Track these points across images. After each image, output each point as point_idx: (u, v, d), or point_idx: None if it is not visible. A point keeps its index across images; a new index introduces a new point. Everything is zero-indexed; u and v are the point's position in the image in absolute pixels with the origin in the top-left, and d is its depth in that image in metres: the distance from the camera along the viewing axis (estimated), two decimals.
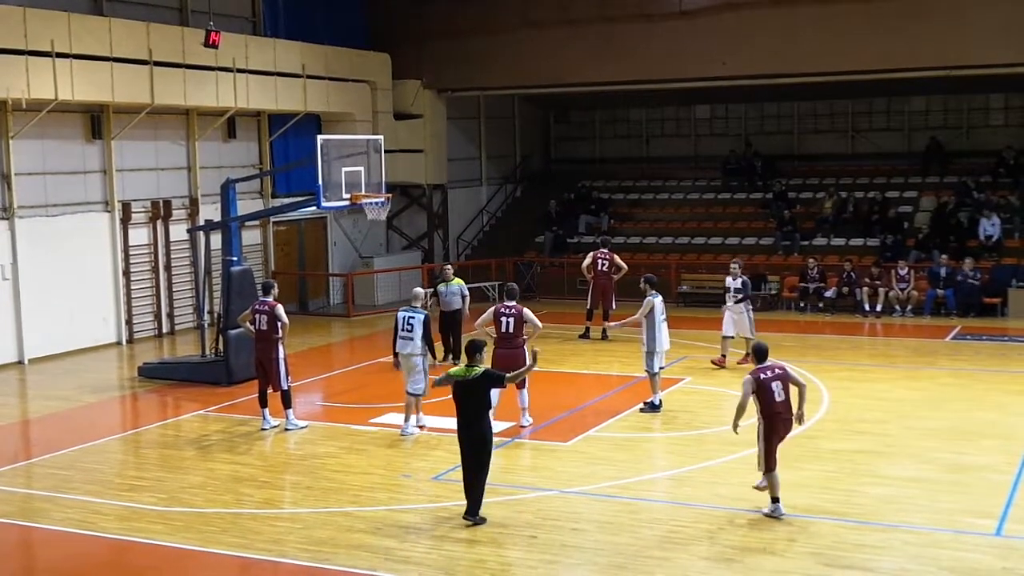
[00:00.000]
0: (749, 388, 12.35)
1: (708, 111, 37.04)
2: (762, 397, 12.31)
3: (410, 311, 16.45)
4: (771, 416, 12.31)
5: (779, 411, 12.35)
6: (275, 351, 16.70)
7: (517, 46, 31.02)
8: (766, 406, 12.32)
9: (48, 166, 23.62)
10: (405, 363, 16.29)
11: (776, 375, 12.41)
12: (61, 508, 13.35)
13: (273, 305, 16.82)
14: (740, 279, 21.26)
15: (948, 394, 18.49)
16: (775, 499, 12.35)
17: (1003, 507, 12.56)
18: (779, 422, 12.36)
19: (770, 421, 12.31)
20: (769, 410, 12.31)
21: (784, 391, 12.39)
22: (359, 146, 21.10)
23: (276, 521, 12.71)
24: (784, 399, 12.38)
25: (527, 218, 35.22)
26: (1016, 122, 32.99)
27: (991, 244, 28.09)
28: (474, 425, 12.22)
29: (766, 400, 12.30)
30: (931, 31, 26.65)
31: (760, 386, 12.31)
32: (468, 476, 12.26)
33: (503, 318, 16.26)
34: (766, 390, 12.30)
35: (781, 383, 12.38)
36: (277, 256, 29.62)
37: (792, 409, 12.51)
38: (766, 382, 12.32)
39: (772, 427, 12.32)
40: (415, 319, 16.30)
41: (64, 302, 23.68)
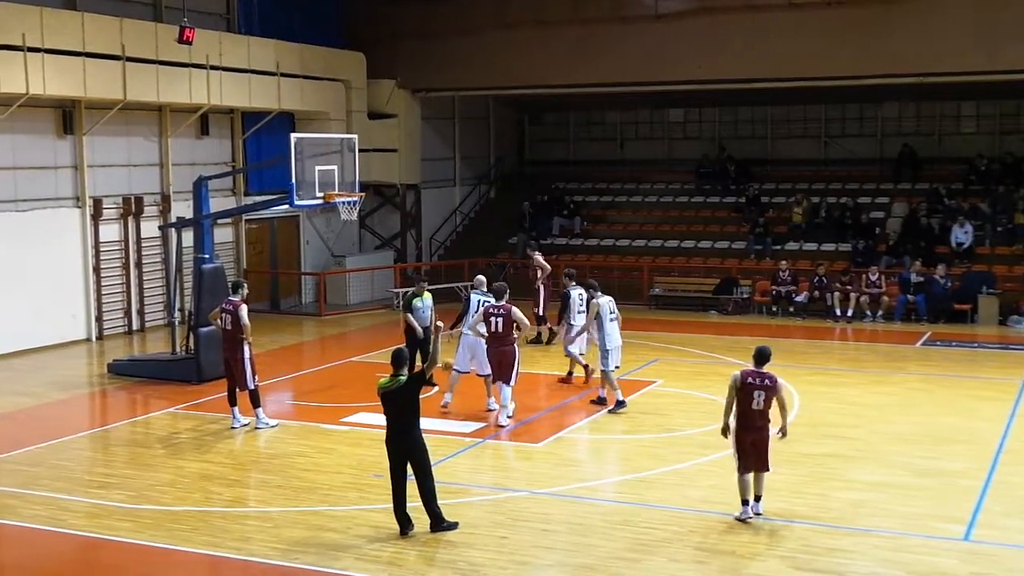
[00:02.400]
0: (733, 385, 12.33)
1: (682, 115, 37.18)
2: (740, 398, 12.28)
3: (485, 295, 17.55)
4: (744, 421, 12.28)
5: (751, 419, 12.25)
6: (239, 351, 16.64)
7: (492, 47, 31.03)
8: (741, 409, 12.29)
9: (18, 161, 23.43)
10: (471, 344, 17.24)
11: (762, 384, 12.24)
12: (28, 505, 13.23)
13: (238, 305, 16.75)
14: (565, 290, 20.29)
15: (918, 399, 18.59)
16: (744, 501, 12.36)
17: (972, 512, 12.63)
18: (752, 429, 12.26)
19: (742, 425, 12.29)
20: (742, 413, 12.28)
21: (764, 402, 12.23)
22: (333, 145, 21.03)
23: (246, 520, 12.64)
24: (761, 409, 12.24)
25: (500, 219, 35.21)
26: (987, 130, 33.27)
27: (962, 251, 28.28)
28: (408, 433, 11.97)
29: (743, 403, 12.27)
30: (904, 38, 26.84)
31: (743, 387, 12.26)
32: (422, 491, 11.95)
33: (492, 318, 16.35)
34: (747, 394, 12.26)
35: (765, 394, 12.22)
36: (249, 254, 29.49)
37: (767, 422, 12.35)
38: (749, 388, 12.25)
39: (743, 431, 12.29)
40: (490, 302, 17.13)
41: (33, 298, 23.49)
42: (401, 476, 11.99)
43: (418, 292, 18.98)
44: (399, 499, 12.02)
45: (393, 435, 12.07)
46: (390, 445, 12.08)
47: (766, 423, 12.33)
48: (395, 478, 12.01)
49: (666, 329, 25.25)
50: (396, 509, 12.04)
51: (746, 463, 12.30)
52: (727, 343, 23.70)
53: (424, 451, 12.10)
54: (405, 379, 12.05)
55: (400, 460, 12.01)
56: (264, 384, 19.14)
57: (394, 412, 12.05)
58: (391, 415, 12.09)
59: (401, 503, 12.02)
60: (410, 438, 12.00)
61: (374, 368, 20.03)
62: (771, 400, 12.28)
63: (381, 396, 12.12)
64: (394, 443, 12.05)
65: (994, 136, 32.98)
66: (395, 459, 12.03)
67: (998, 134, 32.94)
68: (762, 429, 12.32)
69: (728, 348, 22.95)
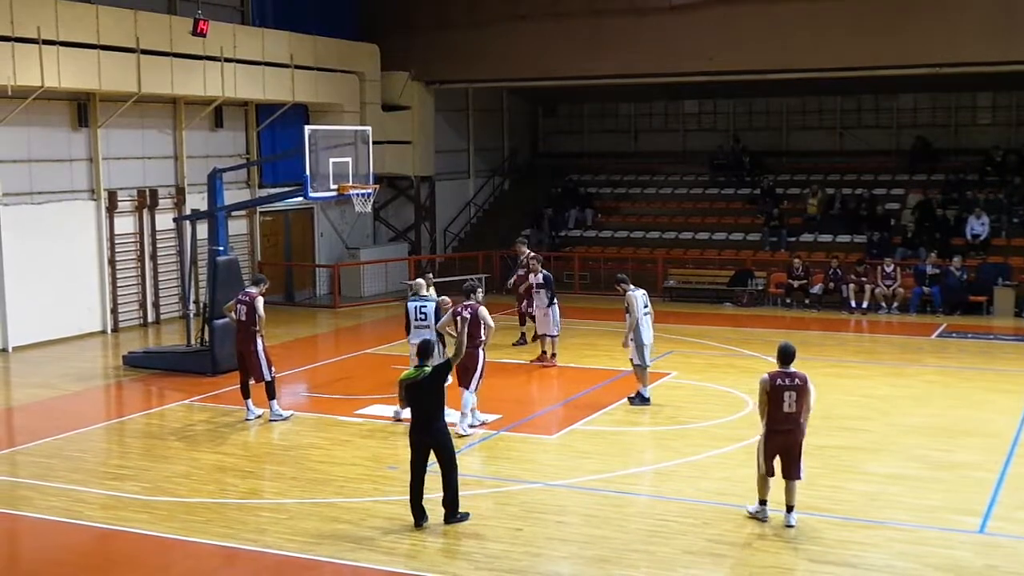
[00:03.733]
0: (763, 390, 11.87)
1: (696, 106, 37.12)
2: (771, 403, 11.82)
3: (420, 300, 16.55)
4: (774, 424, 11.83)
5: (782, 422, 11.79)
6: (253, 343, 16.67)
7: (506, 39, 30.98)
8: (772, 413, 11.83)
9: (34, 153, 23.50)
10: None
11: (793, 385, 11.78)
12: (45, 496, 13.29)
13: (254, 297, 16.77)
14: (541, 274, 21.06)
15: (933, 391, 18.54)
16: (762, 501, 12.07)
17: (987, 504, 12.60)
18: (780, 433, 11.81)
19: (772, 429, 11.84)
20: (773, 418, 11.83)
21: (796, 403, 11.76)
22: (347, 137, 21.02)
23: (260, 511, 12.67)
24: (794, 411, 11.77)
25: (514, 211, 35.21)
26: (1003, 121, 33.13)
27: (978, 242, 28.17)
28: (433, 424, 12.01)
29: (773, 407, 11.81)
30: (919, 29, 26.71)
31: (773, 390, 11.80)
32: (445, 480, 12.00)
33: (459, 318, 15.76)
34: (778, 396, 11.78)
35: (796, 394, 11.76)
36: (263, 246, 29.54)
37: (798, 425, 11.83)
38: (779, 389, 11.76)
39: (772, 435, 11.85)
40: (427, 307, 16.38)
41: (49, 290, 23.58)
42: (421, 468, 12.01)
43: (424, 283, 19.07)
44: (416, 491, 12.03)
45: (417, 426, 12.10)
46: (413, 436, 12.12)
47: (797, 426, 11.85)
48: (415, 469, 12.03)
49: (680, 321, 25.21)
50: (412, 501, 12.06)
51: (770, 467, 11.88)
52: (741, 335, 23.66)
53: (449, 443, 12.15)
54: (430, 370, 12.09)
55: (422, 452, 12.03)
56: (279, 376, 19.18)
57: (418, 403, 12.08)
58: (415, 406, 12.12)
59: (418, 495, 12.03)
60: (434, 429, 12.04)
61: (389, 360, 20.08)
62: (803, 401, 11.80)
63: (405, 387, 12.15)
64: (417, 434, 12.08)
65: (1010, 127, 32.83)
66: (416, 450, 12.06)
67: (1014, 125, 32.80)
68: (793, 432, 11.84)
69: (743, 340, 22.92)
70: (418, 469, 12.02)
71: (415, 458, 12.04)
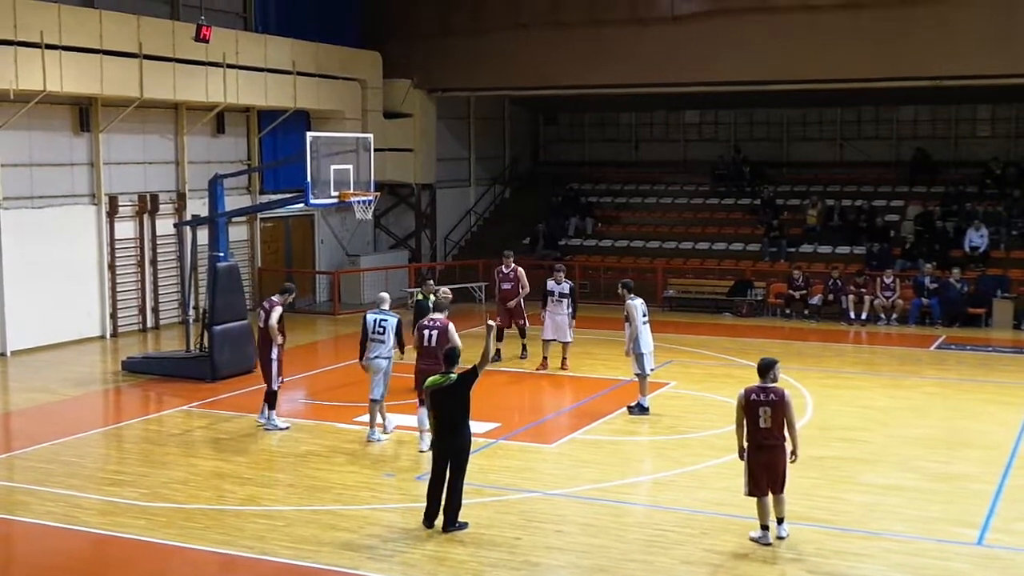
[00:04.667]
0: (739, 404, 11.80)
1: (698, 116, 37.15)
2: (747, 418, 11.74)
3: (381, 314, 16.06)
4: (753, 440, 11.71)
5: (762, 437, 11.64)
6: (269, 351, 16.58)
7: (508, 47, 31.03)
8: (750, 429, 11.74)
9: (35, 158, 23.52)
10: (374, 367, 15.91)
11: (768, 400, 11.64)
12: (42, 501, 13.29)
13: (274, 305, 16.72)
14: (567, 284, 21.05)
15: (932, 403, 18.55)
16: (764, 526, 11.76)
17: (985, 517, 12.60)
18: (762, 448, 11.64)
19: (752, 445, 11.72)
20: (752, 434, 11.72)
21: (772, 419, 11.60)
22: (348, 144, 21.06)
23: (258, 518, 12.66)
24: (768, 427, 11.61)
25: (515, 219, 35.22)
26: (1003, 133, 33.17)
27: (977, 255, 28.19)
28: (458, 431, 12.10)
29: (750, 422, 11.72)
30: (920, 41, 26.75)
31: (748, 405, 11.72)
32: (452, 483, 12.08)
33: (427, 331, 15.43)
34: (752, 412, 11.67)
35: (770, 410, 11.60)
36: (264, 253, 29.56)
37: (779, 440, 11.68)
38: (754, 404, 11.65)
39: (754, 451, 11.70)
40: (388, 322, 15.90)
41: (48, 295, 23.58)
42: (443, 472, 12.10)
43: (425, 291, 19.37)
44: (435, 491, 12.13)
45: (442, 433, 12.14)
46: (438, 443, 12.18)
47: (778, 442, 11.69)
48: (436, 474, 12.13)
49: (680, 331, 25.22)
50: (430, 498, 12.15)
51: (758, 485, 11.70)
52: (741, 345, 23.67)
53: (468, 450, 12.23)
54: (456, 378, 12.11)
55: (445, 458, 12.10)
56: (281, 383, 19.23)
57: (444, 410, 12.12)
58: (439, 413, 12.15)
59: (438, 497, 12.12)
60: (460, 436, 12.11)
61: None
62: (780, 417, 11.63)
63: (430, 394, 12.19)
64: (442, 441, 12.14)
65: (1010, 140, 32.87)
66: (440, 457, 12.14)
67: (1014, 137, 32.84)
68: (774, 448, 11.68)
69: (742, 350, 22.92)
70: (439, 473, 12.11)
71: (437, 464, 12.15)
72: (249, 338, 20.74)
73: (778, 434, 11.70)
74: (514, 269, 22.07)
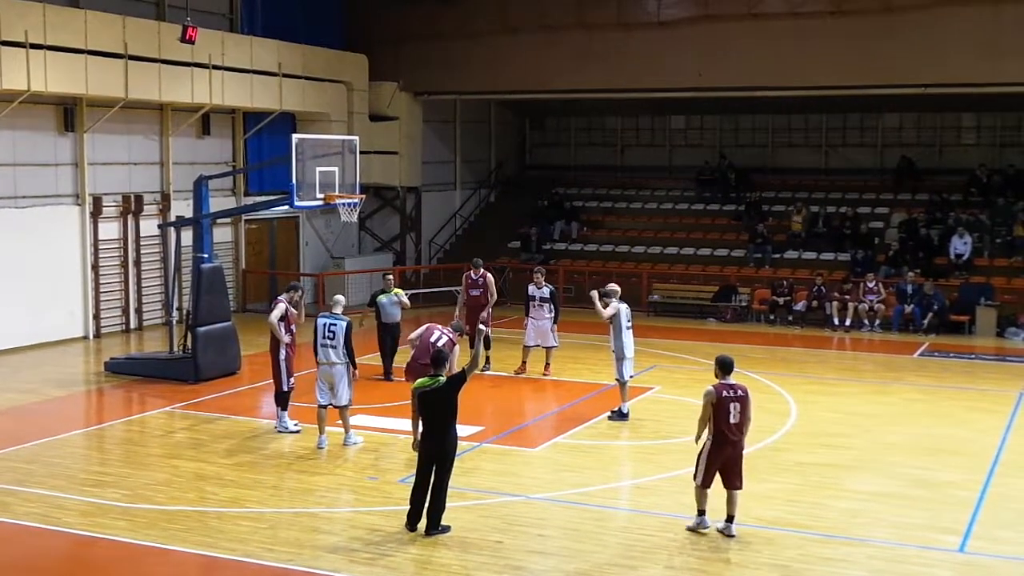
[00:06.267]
0: (709, 401, 12.07)
1: (683, 122, 37.21)
2: (717, 414, 12.01)
3: (331, 317, 15.76)
4: (720, 436, 11.99)
5: (730, 432, 12.00)
6: (277, 351, 16.47)
7: (494, 51, 31.07)
8: (718, 425, 12.01)
9: (19, 158, 23.42)
10: (327, 373, 15.72)
11: (737, 396, 12.05)
12: (23, 502, 13.22)
13: (276, 303, 16.67)
14: (548, 288, 20.96)
15: (915, 410, 18.59)
16: (701, 512, 12.19)
17: (967, 523, 12.63)
18: (727, 444, 12.01)
19: (718, 441, 12.01)
20: (720, 429, 12.00)
21: (740, 414, 12.03)
22: (334, 146, 21.03)
23: (241, 520, 12.62)
24: (738, 422, 12.03)
25: (500, 223, 35.21)
26: (987, 141, 33.30)
27: (961, 262, 28.29)
28: (445, 434, 12.08)
29: (719, 418, 12.00)
30: (906, 49, 26.87)
31: (719, 402, 12.01)
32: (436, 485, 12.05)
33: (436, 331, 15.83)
34: (723, 408, 12.01)
35: (740, 405, 12.03)
36: (248, 254, 29.50)
37: (741, 436, 12.12)
38: (726, 400, 12.00)
39: (719, 447, 12.02)
40: (337, 326, 15.62)
41: (31, 295, 23.49)
42: (427, 476, 12.08)
43: (384, 289, 20.16)
44: (419, 494, 12.11)
45: (428, 435, 12.11)
46: (423, 445, 12.14)
47: (739, 438, 12.10)
48: (421, 476, 12.11)
49: (664, 336, 25.24)
50: (413, 502, 12.13)
51: (710, 478, 12.09)
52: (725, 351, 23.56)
53: (453, 453, 12.21)
54: (444, 380, 12.09)
55: (431, 460, 12.08)
56: (262, 385, 19.20)
57: (431, 413, 12.10)
58: (427, 416, 12.12)
59: (421, 499, 12.10)
60: (446, 439, 12.09)
61: (371, 371, 20.01)
62: (746, 412, 12.08)
63: (419, 396, 12.14)
64: (428, 443, 12.10)
65: (994, 148, 32.99)
66: (426, 459, 12.10)
67: (998, 146, 32.97)
68: (737, 444, 12.09)
69: None
70: (424, 476, 12.10)
71: (422, 467, 12.12)
72: (233, 340, 20.71)
73: (741, 429, 12.11)
74: (483, 276, 21.45)
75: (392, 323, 20.40)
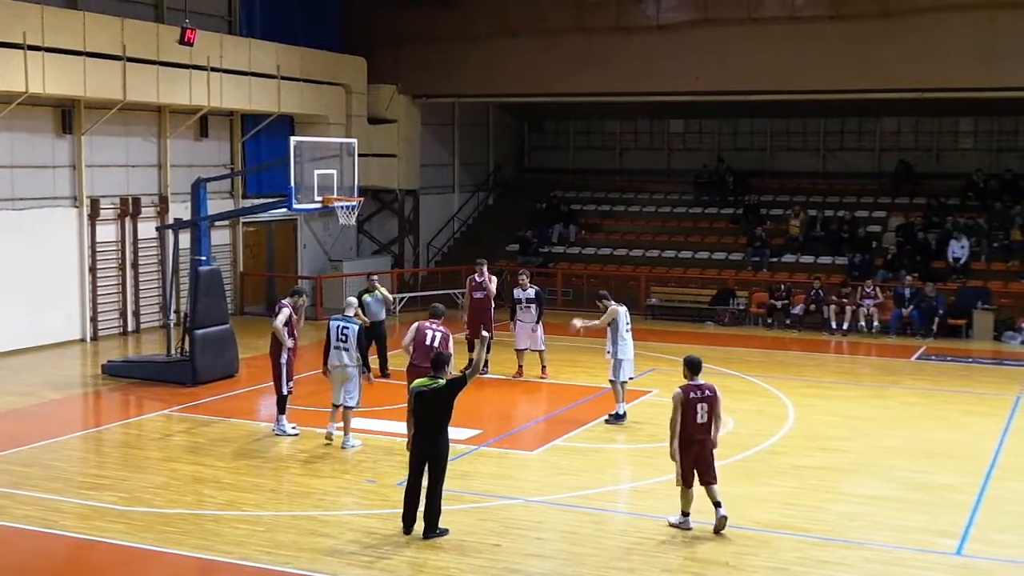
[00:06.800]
0: (677, 403, 12.19)
1: (682, 125, 37.20)
2: (684, 415, 12.15)
3: (344, 320, 15.96)
4: (686, 436, 12.15)
5: (696, 433, 12.14)
6: (279, 355, 16.44)
7: (493, 54, 31.09)
8: (685, 425, 12.15)
9: (16, 159, 23.41)
10: (339, 374, 15.85)
11: (704, 397, 12.19)
12: (20, 505, 13.19)
13: (281, 307, 16.63)
14: (533, 289, 21.06)
15: (912, 413, 18.60)
16: (685, 513, 12.32)
17: (964, 527, 12.63)
18: (693, 443, 12.14)
19: (684, 440, 12.16)
20: (686, 430, 12.15)
21: (708, 414, 12.19)
22: (332, 149, 21.02)
23: (238, 523, 12.61)
24: (705, 422, 12.19)
25: (499, 226, 35.21)
26: (984, 146, 33.32)
27: (958, 266, 28.31)
28: (439, 437, 12.04)
29: (686, 419, 12.14)
30: (904, 53, 26.90)
31: (687, 403, 12.15)
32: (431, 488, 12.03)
33: (429, 331, 15.73)
34: (690, 409, 12.15)
35: (707, 405, 12.17)
36: (246, 257, 29.48)
37: (708, 434, 12.26)
38: (693, 402, 12.14)
39: (686, 447, 12.16)
40: (350, 329, 15.80)
41: (29, 297, 23.47)
42: (419, 477, 12.06)
43: (369, 288, 20.49)
44: (412, 498, 12.09)
45: (421, 437, 12.08)
46: (415, 446, 12.11)
47: (706, 436, 12.25)
48: (413, 478, 12.08)
49: (662, 339, 25.22)
50: (407, 505, 12.11)
51: (687, 476, 12.22)
52: (723, 354, 23.67)
53: (446, 456, 12.16)
54: (443, 383, 12.07)
55: (423, 462, 12.04)
56: (259, 388, 19.20)
57: (426, 414, 12.06)
58: (422, 416, 12.08)
59: (414, 503, 12.08)
60: (438, 442, 12.05)
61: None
62: (714, 411, 12.24)
63: (416, 395, 12.09)
64: (420, 444, 12.07)
65: (991, 153, 33.00)
66: (418, 460, 12.07)
67: (995, 151, 32.98)
68: (704, 442, 12.24)
69: (724, 359, 22.92)
70: (416, 478, 12.07)
71: (414, 468, 12.08)
72: (231, 343, 20.71)
73: (709, 428, 12.27)
74: (487, 279, 21.34)
75: (377, 321, 20.47)
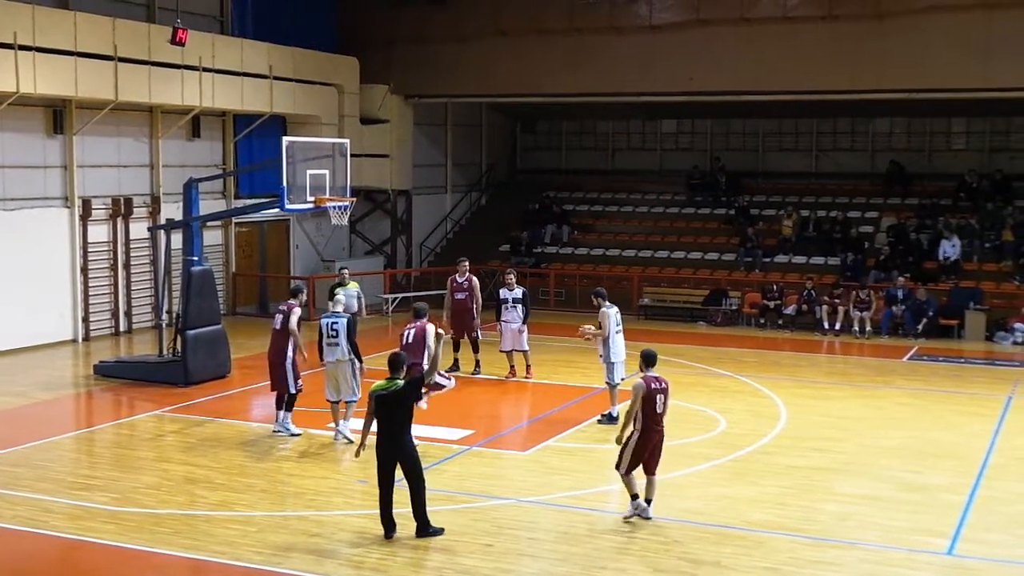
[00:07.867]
0: (639, 394, 12.47)
1: (675, 126, 37.21)
2: (645, 406, 12.47)
3: (333, 316, 16.19)
4: (648, 426, 12.48)
5: (655, 423, 12.52)
6: (285, 354, 16.38)
7: (486, 54, 31.08)
8: (646, 416, 12.48)
9: (7, 160, 23.36)
10: (334, 370, 15.97)
11: (662, 388, 12.59)
12: (10, 505, 13.16)
13: (292, 307, 16.61)
14: (520, 289, 21.07)
15: (904, 413, 18.61)
16: (634, 496, 12.62)
17: (955, 527, 12.64)
18: (654, 433, 12.54)
19: (647, 430, 12.49)
20: (649, 419, 12.48)
21: (664, 405, 12.58)
22: (324, 149, 21.01)
23: (230, 524, 12.58)
24: (663, 412, 12.59)
25: (491, 227, 35.20)
26: (976, 146, 33.36)
27: (949, 264, 28.35)
28: (400, 439, 11.94)
29: (648, 410, 12.48)
30: (896, 54, 26.93)
31: (649, 394, 12.47)
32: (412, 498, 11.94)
33: (406, 331, 16.16)
34: (651, 400, 12.47)
35: (664, 396, 12.57)
36: (238, 257, 29.44)
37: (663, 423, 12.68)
38: (654, 392, 12.49)
39: (647, 436, 12.50)
40: (339, 323, 16.00)
41: (20, 297, 23.41)
42: (388, 480, 11.96)
43: (342, 282, 20.61)
44: (386, 503, 12.01)
45: (383, 439, 12.01)
46: (379, 449, 12.03)
47: (663, 427, 12.67)
48: (382, 482, 11.99)
49: (654, 339, 24.99)
50: (382, 513, 12.03)
51: (635, 464, 12.55)
52: (715, 354, 23.71)
53: (415, 458, 12.07)
54: (402, 384, 12.03)
55: (388, 465, 11.97)
56: (252, 388, 19.18)
57: (386, 416, 12.00)
58: (382, 419, 12.02)
59: (387, 507, 12.00)
60: (400, 443, 11.95)
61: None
62: (667, 402, 12.64)
63: (376, 399, 12.05)
64: (383, 447, 12.00)
65: (983, 153, 33.03)
66: (383, 463, 11.98)
67: (987, 151, 33.02)
68: (662, 432, 12.67)
69: (716, 359, 22.97)
70: (385, 482, 11.98)
71: (382, 471, 12.00)
72: (223, 343, 20.68)
73: (663, 418, 12.65)
74: (469, 279, 21.18)
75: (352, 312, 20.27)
